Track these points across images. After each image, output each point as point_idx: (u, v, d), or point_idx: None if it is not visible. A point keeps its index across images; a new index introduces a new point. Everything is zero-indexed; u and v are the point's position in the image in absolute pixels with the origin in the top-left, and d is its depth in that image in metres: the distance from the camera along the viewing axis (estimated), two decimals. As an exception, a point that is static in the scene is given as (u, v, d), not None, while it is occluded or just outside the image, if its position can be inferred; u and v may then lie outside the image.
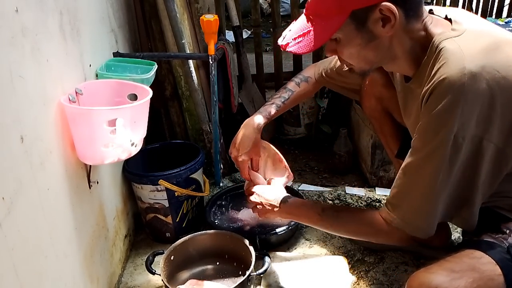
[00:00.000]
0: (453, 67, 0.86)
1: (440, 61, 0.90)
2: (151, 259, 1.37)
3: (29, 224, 0.85)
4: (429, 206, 0.97)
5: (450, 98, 0.86)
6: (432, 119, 0.90)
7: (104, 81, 1.25)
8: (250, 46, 2.53)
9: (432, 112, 0.89)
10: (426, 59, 0.95)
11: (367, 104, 1.42)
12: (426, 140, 0.93)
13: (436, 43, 0.93)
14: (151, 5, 1.80)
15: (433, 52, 0.93)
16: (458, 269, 0.91)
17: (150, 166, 1.65)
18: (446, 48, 0.90)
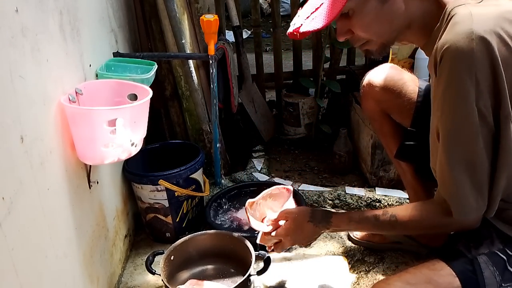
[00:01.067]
0: (460, 32, 0.81)
1: (448, 27, 0.85)
2: (151, 259, 1.37)
3: (29, 224, 0.85)
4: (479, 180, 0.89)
5: (459, 65, 0.81)
6: (446, 91, 0.85)
7: (104, 81, 1.25)
8: (250, 46, 2.53)
9: (444, 86, 0.84)
10: (439, 26, 0.91)
11: (366, 105, 1.41)
12: (449, 115, 0.87)
13: (449, 10, 0.88)
14: (151, 5, 1.80)
15: (445, 22, 0.88)
16: (414, 281, 0.92)
17: (150, 166, 1.65)
18: (457, 14, 0.85)
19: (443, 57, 0.83)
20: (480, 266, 0.92)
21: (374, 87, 1.32)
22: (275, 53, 2.47)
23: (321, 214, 1.17)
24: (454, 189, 0.92)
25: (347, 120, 2.21)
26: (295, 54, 2.48)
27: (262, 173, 2.00)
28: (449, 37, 0.83)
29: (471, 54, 0.80)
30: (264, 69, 2.51)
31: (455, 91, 0.84)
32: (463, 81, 0.82)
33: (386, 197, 1.75)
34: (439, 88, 0.87)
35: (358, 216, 1.13)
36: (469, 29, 0.80)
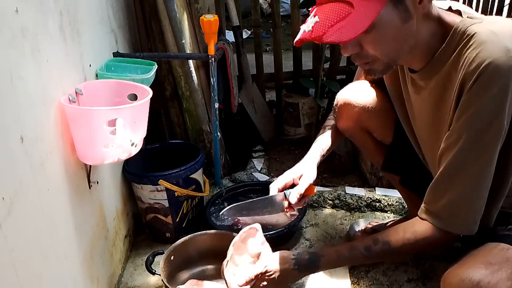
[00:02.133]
0: (496, 50, 0.83)
1: (473, 45, 0.86)
2: (151, 259, 1.37)
3: (29, 225, 0.85)
4: (480, 201, 0.93)
5: (501, 83, 0.83)
6: (483, 108, 0.85)
7: (104, 81, 1.25)
8: (250, 46, 2.53)
9: (481, 100, 0.85)
10: (446, 47, 0.92)
11: (344, 125, 1.35)
12: (475, 132, 0.88)
13: (461, 29, 0.89)
14: (151, 6, 1.80)
15: (458, 39, 0.89)
16: (494, 261, 0.88)
17: (150, 166, 1.65)
18: (478, 32, 0.86)
19: (483, 73, 0.84)
20: None
21: (353, 107, 1.28)
22: (275, 53, 2.47)
23: (307, 257, 1.08)
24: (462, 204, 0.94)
25: (347, 120, 2.20)
26: (295, 54, 2.48)
27: (262, 173, 2.00)
28: (487, 54, 0.83)
29: (510, 70, 0.82)
30: (264, 69, 2.51)
31: (492, 107, 0.85)
32: (502, 98, 0.84)
33: (386, 197, 1.75)
34: (474, 101, 0.87)
35: (348, 251, 1.06)
36: (505, 47, 0.82)
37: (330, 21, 0.86)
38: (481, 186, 0.91)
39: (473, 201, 0.93)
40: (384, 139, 1.32)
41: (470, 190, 0.92)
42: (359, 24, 0.84)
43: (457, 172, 0.92)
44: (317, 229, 1.68)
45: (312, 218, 1.74)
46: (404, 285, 1.36)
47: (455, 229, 0.96)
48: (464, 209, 0.94)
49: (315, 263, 1.07)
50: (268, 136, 2.38)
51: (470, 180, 0.91)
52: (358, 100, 1.28)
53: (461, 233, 0.96)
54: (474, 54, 0.85)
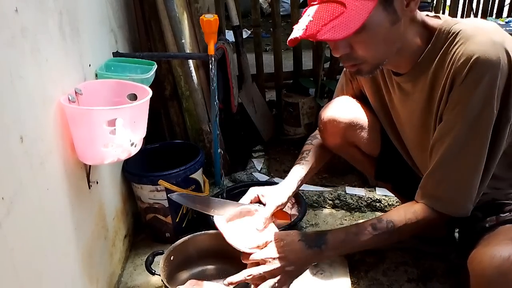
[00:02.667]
0: (483, 43, 0.88)
1: (460, 41, 0.91)
2: (150, 259, 1.37)
3: (29, 224, 0.85)
4: (475, 183, 0.97)
5: (491, 73, 0.87)
6: (476, 97, 0.90)
7: (104, 81, 1.25)
8: (250, 46, 2.53)
9: (474, 91, 0.89)
10: (431, 48, 0.97)
11: (330, 141, 1.32)
12: (469, 120, 0.92)
13: (446, 29, 0.95)
14: (151, 5, 1.80)
15: (444, 38, 0.95)
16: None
17: (150, 166, 1.65)
18: (463, 29, 0.91)
19: (474, 66, 0.88)
20: None
21: (338, 123, 1.26)
22: (275, 53, 2.47)
23: (314, 233, 1.08)
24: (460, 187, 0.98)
25: (347, 120, 2.20)
26: (295, 54, 2.48)
27: (262, 173, 2.00)
28: (475, 48, 0.88)
29: (499, 61, 0.87)
30: (264, 69, 2.51)
31: (484, 96, 0.90)
32: (492, 88, 0.89)
33: (386, 197, 1.75)
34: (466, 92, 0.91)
35: (355, 227, 1.05)
36: (491, 39, 0.88)
37: (323, 20, 0.88)
38: (477, 169, 0.96)
39: (470, 183, 0.98)
40: (371, 152, 1.33)
41: (468, 174, 0.97)
42: (352, 23, 0.87)
43: (454, 158, 0.97)
44: (317, 229, 1.67)
45: (312, 218, 1.74)
46: (404, 285, 1.36)
47: (454, 211, 1.01)
48: (462, 191, 0.99)
49: (321, 237, 1.04)
50: (268, 136, 2.38)
51: (467, 164, 0.96)
52: (342, 116, 1.27)
53: (459, 214, 1.00)
54: (463, 49, 0.90)
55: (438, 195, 1.01)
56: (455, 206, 1.00)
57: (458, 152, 0.96)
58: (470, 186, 0.98)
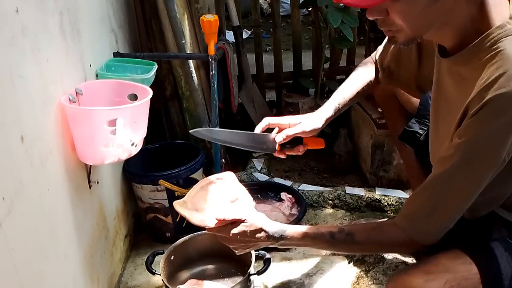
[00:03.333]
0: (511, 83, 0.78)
1: (497, 66, 0.81)
2: (151, 259, 1.37)
3: (29, 224, 0.86)
4: (453, 219, 0.93)
5: (508, 116, 0.80)
6: (486, 135, 0.83)
7: (104, 81, 1.25)
8: (250, 46, 2.53)
9: (486, 128, 0.83)
10: (477, 45, 0.86)
11: (380, 93, 1.44)
12: (469, 160, 0.86)
13: (494, 37, 0.83)
14: (151, 5, 1.80)
15: (487, 46, 0.84)
16: (434, 271, 0.93)
17: (150, 166, 1.65)
18: (505, 52, 0.81)
19: (492, 102, 0.81)
20: (495, 252, 0.94)
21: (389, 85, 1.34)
22: (275, 53, 2.47)
23: (277, 224, 1.08)
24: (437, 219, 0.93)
25: (347, 120, 2.21)
26: (295, 54, 2.48)
27: (262, 173, 2.00)
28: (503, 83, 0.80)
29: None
30: (264, 69, 2.51)
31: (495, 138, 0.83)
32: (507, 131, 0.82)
33: (386, 197, 1.75)
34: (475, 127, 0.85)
35: (313, 232, 1.05)
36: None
37: None
38: (458, 209, 0.92)
39: (445, 218, 0.93)
40: (408, 107, 1.33)
41: (446, 208, 0.92)
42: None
43: (441, 188, 0.92)
44: (317, 229, 1.68)
45: (312, 218, 1.74)
46: (404, 285, 1.36)
47: (418, 237, 0.96)
48: (437, 223, 0.94)
49: (282, 233, 1.06)
50: (268, 136, 2.37)
51: (450, 200, 0.91)
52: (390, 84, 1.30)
53: (425, 243, 0.96)
54: (492, 76, 0.81)
55: (412, 218, 0.96)
56: (424, 235, 0.95)
57: (446, 185, 0.91)
58: (444, 222, 0.93)
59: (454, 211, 0.92)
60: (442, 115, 1.02)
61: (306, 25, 3.69)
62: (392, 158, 1.82)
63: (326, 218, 1.73)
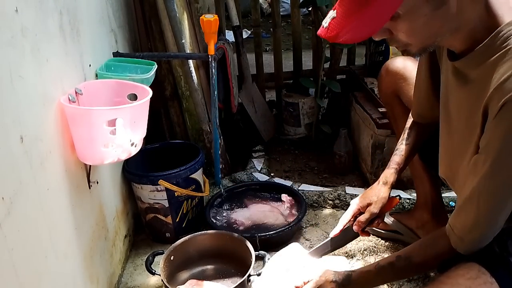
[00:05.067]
0: None
1: (507, 64, 0.80)
2: (151, 259, 1.37)
3: (29, 224, 0.85)
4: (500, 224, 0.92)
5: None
6: (507, 139, 0.82)
7: (104, 81, 1.25)
8: (250, 46, 2.52)
9: (507, 132, 0.81)
10: (487, 44, 0.84)
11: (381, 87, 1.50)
12: (504, 160, 0.84)
13: (504, 34, 0.81)
14: (151, 5, 1.80)
15: (498, 44, 0.82)
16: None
17: (150, 166, 1.65)
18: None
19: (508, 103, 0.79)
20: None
21: (390, 70, 1.41)
22: (275, 53, 2.46)
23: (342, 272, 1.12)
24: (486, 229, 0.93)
25: (347, 120, 2.20)
26: (295, 54, 2.47)
27: (262, 173, 2.00)
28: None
29: None
30: (264, 69, 2.50)
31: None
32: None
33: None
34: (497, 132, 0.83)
35: (375, 269, 1.08)
36: None
37: (343, 19, 0.82)
38: (497, 218, 0.91)
39: (487, 229, 0.93)
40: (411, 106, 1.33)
41: (490, 218, 0.91)
42: (375, 22, 0.81)
43: (480, 198, 0.90)
44: (317, 229, 1.68)
45: (312, 218, 1.74)
46: (404, 285, 1.36)
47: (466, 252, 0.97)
48: (477, 235, 0.94)
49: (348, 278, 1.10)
50: (268, 136, 2.37)
51: (492, 208, 0.90)
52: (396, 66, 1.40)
53: (468, 253, 0.97)
54: (505, 75, 0.79)
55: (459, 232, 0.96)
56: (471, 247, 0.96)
57: (482, 196, 0.90)
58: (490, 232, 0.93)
59: (495, 220, 0.91)
60: (454, 119, 1.01)
61: (306, 25, 3.69)
62: (392, 158, 1.81)
63: (326, 218, 1.73)
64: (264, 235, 1.52)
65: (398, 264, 1.04)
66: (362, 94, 2.07)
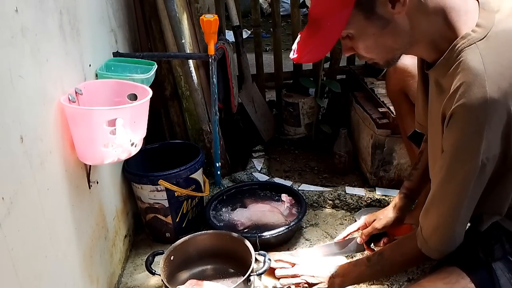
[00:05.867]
0: (474, 92, 0.80)
1: (460, 77, 0.83)
2: (151, 259, 1.37)
3: (29, 224, 0.85)
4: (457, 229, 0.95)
5: (473, 127, 0.82)
6: (456, 148, 0.87)
7: (104, 81, 1.25)
8: (250, 46, 2.52)
9: (455, 141, 0.86)
10: (446, 57, 0.88)
11: (388, 85, 1.52)
12: (454, 168, 0.89)
13: (459, 47, 0.85)
14: (151, 5, 1.80)
15: (454, 57, 0.86)
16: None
17: (150, 166, 1.65)
18: (467, 62, 0.82)
19: (456, 114, 0.83)
20: (496, 273, 0.94)
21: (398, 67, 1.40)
22: (275, 53, 2.46)
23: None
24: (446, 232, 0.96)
25: (347, 120, 2.20)
26: (295, 54, 2.47)
27: (262, 173, 2.00)
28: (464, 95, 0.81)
29: (485, 116, 0.80)
30: (264, 69, 2.51)
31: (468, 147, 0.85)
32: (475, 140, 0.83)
33: (386, 197, 1.75)
34: (449, 139, 0.88)
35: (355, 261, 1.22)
36: (483, 91, 0.79)
37: (303, 43, 0.94)
38: (457, 218, 0.93)
39: (449, 230, 0.95)
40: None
41: (448, 221, 0.94)
42: (325, 44, 0.90)
43: (438, 201, 0.95)
44: (317, 229, 1.67)
45: (312, 218, 1.74)
46: (404, 285, 1.36)
47: (428, 253, 1.01)
48: (436, 238, 0.97)
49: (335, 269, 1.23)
50: (268, 136, 2.38)
51: (448, 212, 0.93)
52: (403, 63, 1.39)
53: (435, 258, 1.00)
54: (454, 88, 0.83)
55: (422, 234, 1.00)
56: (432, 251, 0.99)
57: (442, 198, 0.94)
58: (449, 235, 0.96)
59: (453, 224, 0.94)
60: (430, 126, 1.06)
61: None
62: (393, 158, 1.81)
63: (326, 218, 1.73)
64: (264, 235, 1.52)
65: (372, 258, 1.13)
66: (362, 94, 2.07)
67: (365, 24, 0.87)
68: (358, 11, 0.85)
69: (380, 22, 0.87)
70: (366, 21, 0.87)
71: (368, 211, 1.70)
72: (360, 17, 0.86)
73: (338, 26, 0.87)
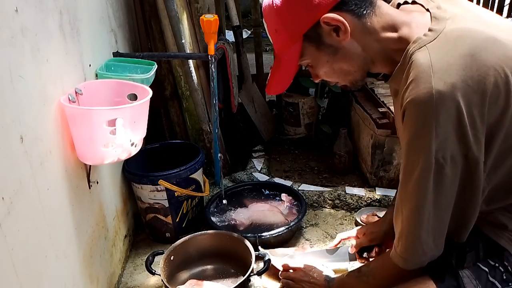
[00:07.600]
0: (421, 87, 0.82)
1: (410, 76, 0.85)
2: (151, 259, 1.37)
3: (29, 224, 0.85)
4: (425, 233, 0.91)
5: (421, 121, 0.83)
6: (409, 145, 0.87)
7: (104, 81, 1.25)
8: (250, 46, 2.52)
9: (408, 138, 0.86)
10: (401, 64, 0.90)
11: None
12: (409, 166, 0.89)
13: (410, 52, 0.87)
14: (151, 5, 1.80)
15: (407, 61, 0.88)
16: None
17: (150, 166, 1.65)
18: (416, 61, 0.85)
19: (407, 110, 0.85)
20: (463, 281, 0.93)
21: None
22: (275, 53, 2.46)
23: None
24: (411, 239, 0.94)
25: (347, 120, 2.20)
26: (295, 54, 2.47)
27: (262, 173, 2.00)
28: (412, 91, 0.83)
29: (431, 110, 0.81)
30: (264, 69, 2.51)
31: (419, 145, 0.85)
32: (426, 136, 0.83)
33: (386, 197, 1.75)
34: (404, 138, 0.89)
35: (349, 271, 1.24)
36: (429, 85, 0.81)
37: (272, 75, 1.02)
38: (419, 223, 0.90)
39: (412, 236, 0.92)
40: None
41: (410, 225, 0.92)
42: (286, 76, 1.00)
43: (402, 205, 0.93)
44: (317, 229, 1.68)
45: (312, 218, 1.74)
46: (404, 285, 1.36)
47: (398, 262, 0.98)
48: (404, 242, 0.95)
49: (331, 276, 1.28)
50: (268, 136, 2.38)
51: (411, 215, 0.91)
52: None
53: (402, 266, 0.97)
54: (406, 85, 0.85)
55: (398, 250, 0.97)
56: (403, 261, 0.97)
57: (403, 201, 0.92)
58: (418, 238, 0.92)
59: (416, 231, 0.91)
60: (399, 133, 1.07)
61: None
62: (393, 158, 1.81)
63: (326, 218, 1.73)
64: (264, 235, 1.53)
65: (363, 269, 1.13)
66: (362, 94, 2.07)
67: (318, 53, 0.94)
68: (308, 43, 0.93)
69: (330, 50, 0.93)
70: (317, 51, 0.94)
71: (368, 211, 1.70)
72: (312, 48, 0.93)
73: (293, 59, 0.96)
